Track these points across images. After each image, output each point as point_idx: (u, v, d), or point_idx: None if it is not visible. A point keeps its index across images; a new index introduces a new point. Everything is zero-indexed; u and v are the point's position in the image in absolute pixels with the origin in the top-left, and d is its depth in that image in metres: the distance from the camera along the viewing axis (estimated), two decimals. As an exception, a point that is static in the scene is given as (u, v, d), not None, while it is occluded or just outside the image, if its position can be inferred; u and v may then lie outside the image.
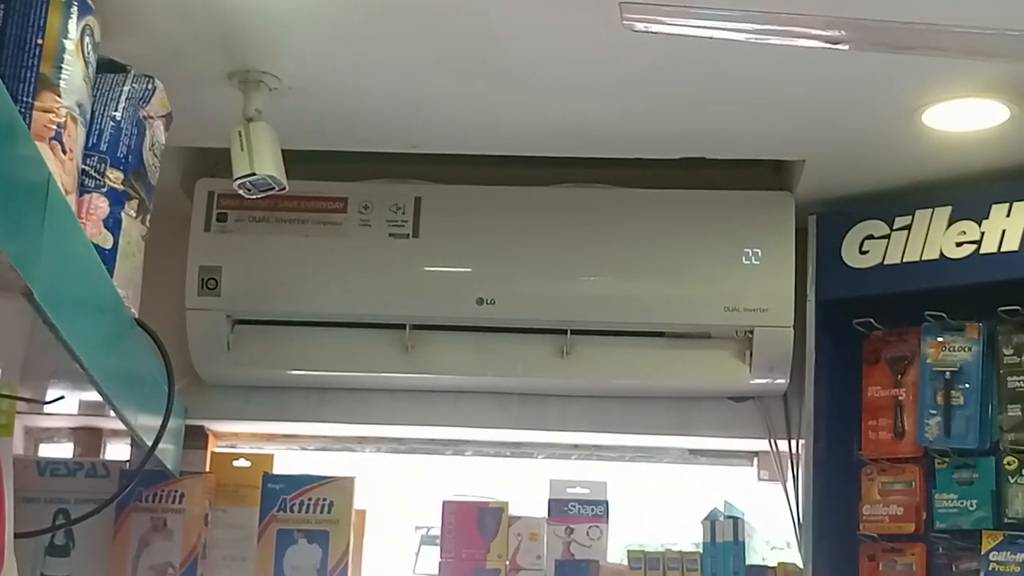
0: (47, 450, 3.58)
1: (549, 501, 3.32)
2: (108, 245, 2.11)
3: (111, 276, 2.11)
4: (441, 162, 3.21)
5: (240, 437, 3.58)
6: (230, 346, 3.23)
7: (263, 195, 2.67)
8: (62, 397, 2.35)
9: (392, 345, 3.24)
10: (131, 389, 2.32)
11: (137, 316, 2.29)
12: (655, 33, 2.13)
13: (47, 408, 2.91)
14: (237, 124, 2.58)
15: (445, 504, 3.35)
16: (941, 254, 2.99)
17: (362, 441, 3.62)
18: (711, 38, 2.20)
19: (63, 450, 3.57)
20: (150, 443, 2.51)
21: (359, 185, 3.26)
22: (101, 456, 3.56)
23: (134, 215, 2.19)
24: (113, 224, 2.12)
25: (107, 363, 2.05)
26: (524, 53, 2.50)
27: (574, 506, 3.31)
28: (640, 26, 2.09)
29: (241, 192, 2.65)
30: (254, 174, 2.59)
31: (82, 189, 2.04)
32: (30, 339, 2.05)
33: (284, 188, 2.65)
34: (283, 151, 2.63)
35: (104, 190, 2.11)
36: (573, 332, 3.21)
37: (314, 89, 2.69)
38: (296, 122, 2.75)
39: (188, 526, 3.20)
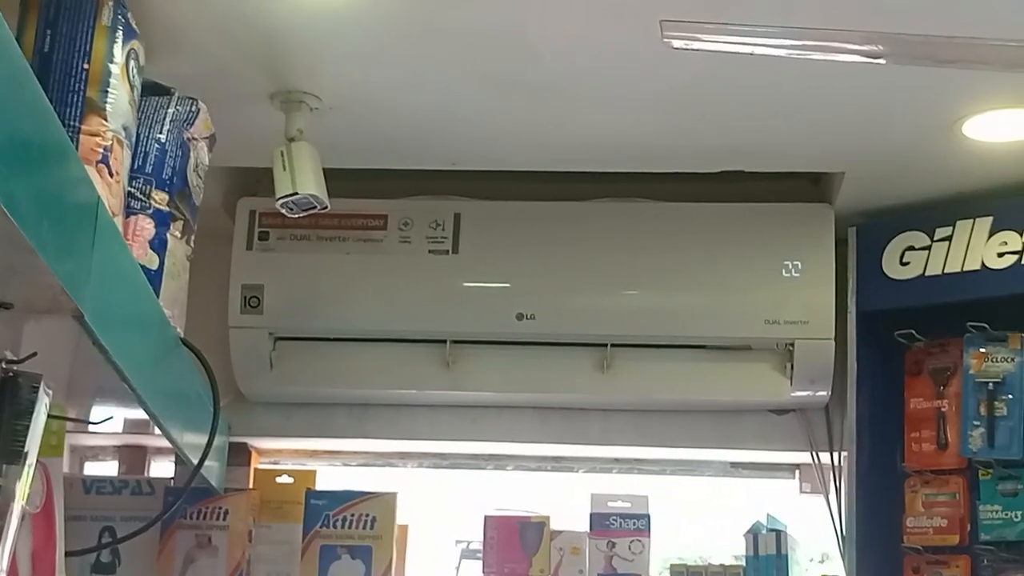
0: (92, 468, 3.61)
1: (591, 515, 3.31)
2: (154, 266, 2.13)
3: (157, 296, 2.13)
4: (480, 178, 3.22)
5: (283, 454, 3.60)
6: (273, 363, 3.25)
7: (305, 214, 2.69)
8: (111, 417, 2.38)
9: (433, 361, 3.25)
10: (176, 407, 2.35)
11: (182, 335, 2.32)
12: (694, 50, 2.13)
13: (93, 427, 2.94)
14: (279, 144, 2.61)
15: (487, 519, 3.35)
16: (983, 265, 2.97)
17: (404, 456, 3.64)
18: (751, 54, 2.20)
19: (108, 468, 3.60)
20: (195, 460, 2.53)
21: (399, 202, 3.27)
22: (146, 474, 3.58)
23: (179, 236, 2.21)
24: (159, 245, 2.14)
25: (153, 382, 2.07)
26: (564, 69, 2.51)
27: (616, 520, 3.31)
28: (679, 43, 2.09)
29: (283, 211, 2.67)
30: (296, 193, 2.61)
31: (128, 211, 2.07)
32: (75, 359, 2.07)
33: (326, 207, 2.67)
34: (324, 169, 2.65)
35: (150, 212, 2.13)
36: (613, 346, 3.22)
37: (355, 108, 2.71)
38: (337, 140, 2.77)
39: (232, 543, 3.22)
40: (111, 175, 1.84)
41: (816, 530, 3.45)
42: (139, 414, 2.26)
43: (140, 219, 2.11)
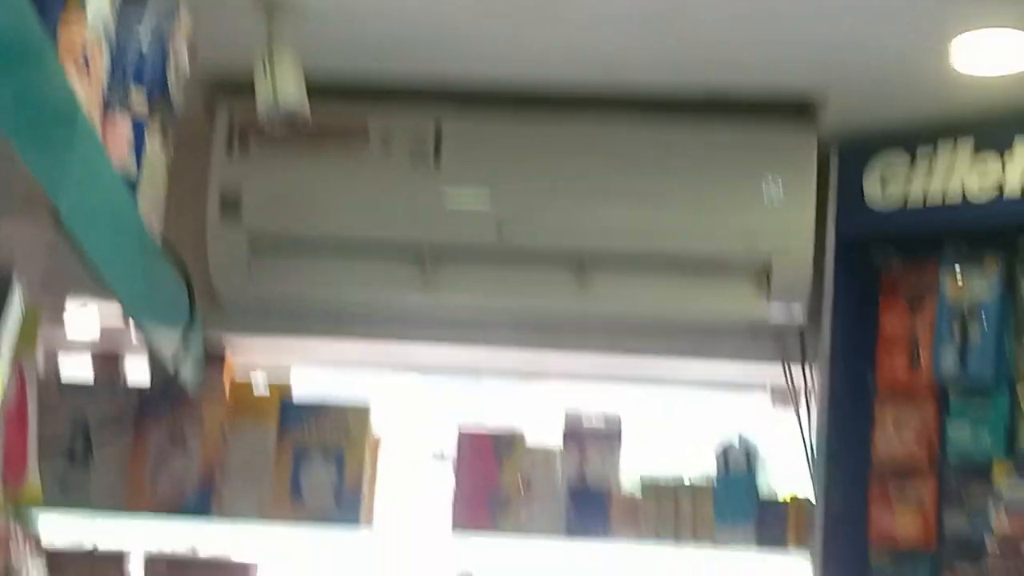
0: (68, 364, 3.61)
1: (564, 430, 3.34)
2: (132, 168, 2.11)
3: (135, 198, 2.12)
4: (462, 89, 3.19)
5: (259, 358, 3.60)
6: (250, 269, 3.24)
7: (285, 122, 2.67)
8: (85, 306, 2.37)
9: (411, 272, 3.24)
10: (153, 308, 2.35)
11: (160, 238, 2.31)
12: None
13: (68, 325, 2.94)
14: (260, 50, 2.58)
15: (460, 431, 3.37)
16: (962, 190, 2.98)
17: (379, 364, 3.64)
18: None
19: (84, 367, 3.60)
20: (170, 360, 2.54)
21: (381, 112, 3.25)
22: (121, 372, 3.58)
23: (158, 138, 2.20)
24: (137, 146, 2.12)
25: (131, 282, 2.07)
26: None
27: (588, 436, 3.33)
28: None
29: (264, 119, 2.66)
30: (277, 100, 2.59)
31: (107, 111, 2.05)
32: (52, 257, 2.06)
33: (307, 115, 2.65)
34: (307, 82, 2.63)
35: (128, 113, 2.11)
36: (592, 261, 3.22)
37: (337, 14, 2.68)
38: (319, 48, 2.75)
39: (206, 443, 3.25)
40: (90, 74, 1.82)
41: (786, 449, 3.48)
42: (115, 311, 2.27)
43: (119, 120, 2.08)
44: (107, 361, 3.61)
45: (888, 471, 3.09)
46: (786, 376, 3.41)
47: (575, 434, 3.33)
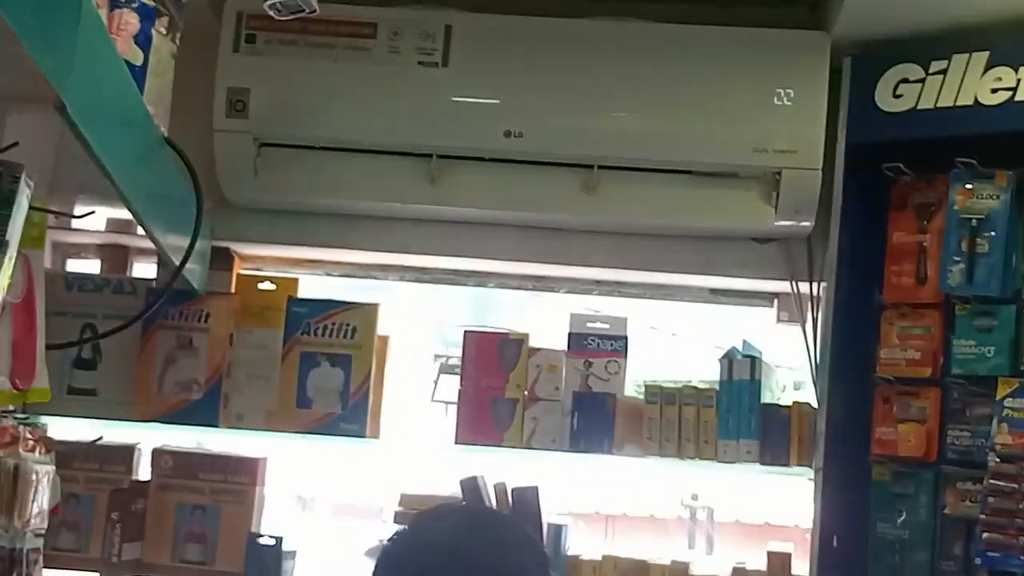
0: (75, 266, 3.62)
1: (569, 334, 3.35)
2: (138, 61, 2.10)
3: (141, 92, 2.11)
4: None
5: (266, 260, 3.60)
6: (257, 169, 3.23)
7: (293, 17, 2.65)
8: (92, 212, 2.37)
9: (418, 174, 3.23)
10: (160, 207, 2.34)
11: (166, 135, 2.30)
12: None
13: (75, 223, 2.94)
14: (269, -58, 2.55)
15: (466, 333, 3.38)
16: (976, 100, 2.95)
17: (386, 269, 3.64)
18: None
19: (90, 266, 3.61)
20: (177, 261, 2.54)
21: (389, 10, 3.22)
22: (128, 273, 3.59)
23: (164, 32, 2.18)
24: (143, 40, 2.11)
25: (137, 180, 2.06)
26: None
27: (594, 340, 3.34)
28: None
29: (271, 13, 2.63)
30: (285, -6, 2.57)
31: (113, 4, 2.03)
32: (58, 153, 2.06)
33: (314, 11, 2.63)
34: (315, -27, 2.60)
35: (135, 5, 2.10)
36: (600, 167, 3.20)
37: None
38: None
39: (213, 345, 3.25)
40: (96, -35, 1.80)
41: (791, 359, 3.49)
42: (122, 213, 2.26)
43: (125, 13, 2.07)
44: (114, 261, 3.62)
45: (892, 384, 3.10)
46: (792, 287, 3.40)
47: (580, 337, 3.33)
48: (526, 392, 3.30)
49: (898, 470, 3.08)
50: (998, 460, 2.84)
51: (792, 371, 3.52)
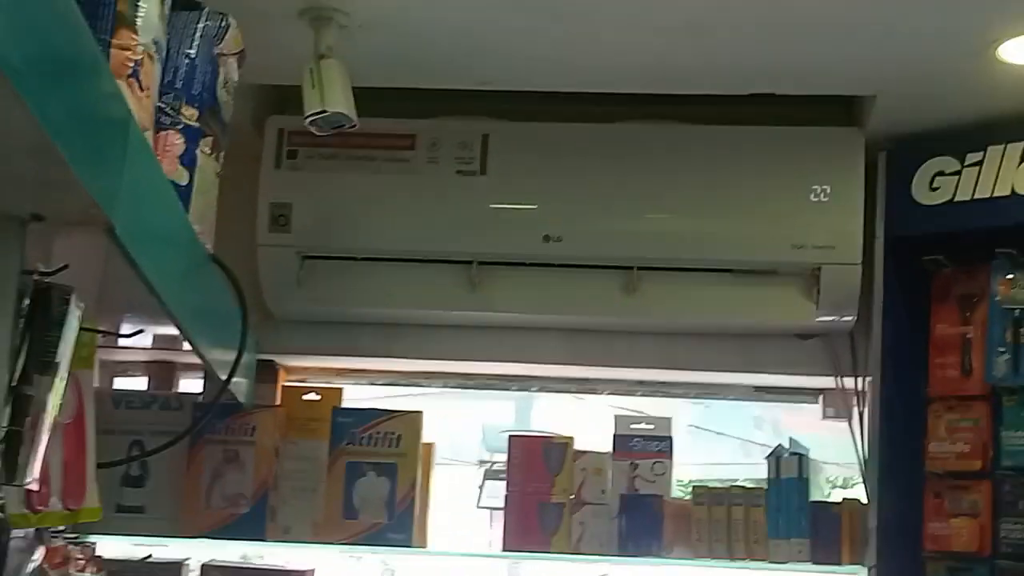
0: (122, 383, 3.65)
1: (614, 436, 3.34)
2: (184, 181, 2.13)
3: (187, 212, 2.14)
4: (509, 99, 3.20)
5: (310, 371, 3.62)
6: (300, 282, 3.27)
7: (333, 132, 2.69)
8: (141, 331, 2.39)
9: (459, 282, 3.26)
10: (206, 323, 2.37)
11: (211, 252, 2.33)
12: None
13: (123, 341, 2.96)
14: (308, 61, 2.60)
15: (511, 438, 3.38)
16: (1012, 191, 2.96)
17: (430, 376, 3.66)
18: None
19: (138, 383, 3.64)
20: (224, 377, 2.56)
21: (427, 122, 3.27)
22: (175, 389, 3.62)
23: (209, 152, 2.22)
24: (189, 161, 2.15)
25: (183, 297, 2.09)
26: (593, -11, 2.50)
27: (638, 442, 3.33)
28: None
29: (312, 129, 2.68)
30: (325, 111, 2.61)
31: (158, 126, 2.07)
32: (106, 273, 2.09)
33: (354, 125, 2.67)
34: (353, 88, 2.65)
35: (180, 127, 2.13)
36: (640, 268, 3.21)
37: (384, 25, 2.70)
38: (366, 58, 2.76)
39: (259, 458, 3.26)
40: (141, 89, 1.84)
41: (838, 455, 3.46)
42: (169, 329, 2.28)
43: (170, 134, 2.11)
44: (161, 377, 3.64)
45: (942, 478, 3.06)
46: (837, 382, 3.39)
47: (625, 438, 3.32)
48: (572, 496, 3.29)
49: (952, 565, 3.03)
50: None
51: (840, 467, 3.49)
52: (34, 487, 1.76)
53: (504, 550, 3.29)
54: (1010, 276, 3.00)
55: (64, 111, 1.31)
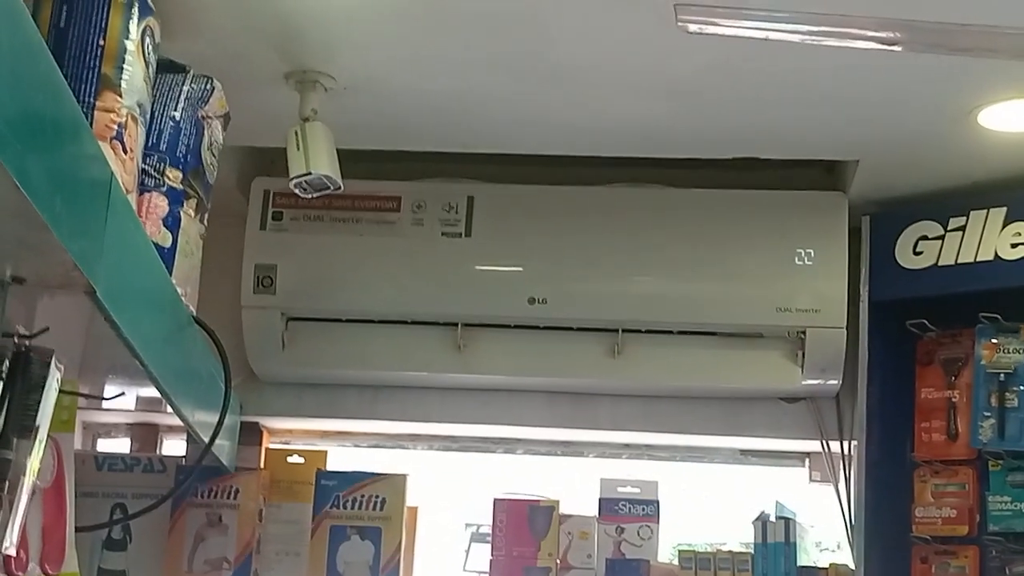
0: (105, 445, 3.63)
1: (600, 500, 3.32)
2: (167, 244, 2.14)
3: (170, 274, 2.14)
4: (494, 161, 3.22)
5: (294, 434, 3.61)
6: (285, 344, 3.26)
7: (319, 195, 2.70)
8: (123, 394, 2.39)
9: (444, 344, 3.25)
10: (188, 385, 2.36)
11: (195, 314, 2.33)
12: (710, 34, 2.13)
13: (105, 404, 2.95)
14: (293, 124, 2.61)
15: (496, 502, 3.36)
16: (996, 255, 2.97)
17: (414, 439, 3.65)
18: (766, 39, 2.20)
19: (120, 445, 3.62)
20: (206, 439, 2.54)
21: (412, 184, 3.28)
22: (158, 452, 3.60)
23: (192, 214, 2.22)
24: (172, 223, 2.15)
25: (165, 359, 2.08)
26: (577, 53, 2.51)
27: (625, 505, 3.32)
28: (694, 27, 2.09)
29: (297, 191, 2.68)
30: (310, 173, 2.62)
31: (142, 188, 2.07)
32: (88, 335, 2.08)
33: (339, 188, 2.68)
34: (338, 150, 2.66)
35: (163, 189, 2.14)
36: (624, 331, 3.22)
37: (369, 89, 2.71)
38: (351, 121, 2.78)
39: (243, 521, 3.24)
40: (125, 152, 1.85)
41: (825, 519, 3.45)
42: (151, 392, 2.27)
43: (154, 196, 2.12)
44: (144, 439, 3.62)
45: (929, 543, 3.05)
46: (823, 446, 3.38)
47: (611, 502, 3.30)
48: (558, 561, 3.27)
49: (940, 630, 3.02)
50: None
51: (827, 531, 3.48)
52: (12, 552, 1.74)
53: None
54: (995, 340, 3.01)
55: (45, 173, 1.31)
